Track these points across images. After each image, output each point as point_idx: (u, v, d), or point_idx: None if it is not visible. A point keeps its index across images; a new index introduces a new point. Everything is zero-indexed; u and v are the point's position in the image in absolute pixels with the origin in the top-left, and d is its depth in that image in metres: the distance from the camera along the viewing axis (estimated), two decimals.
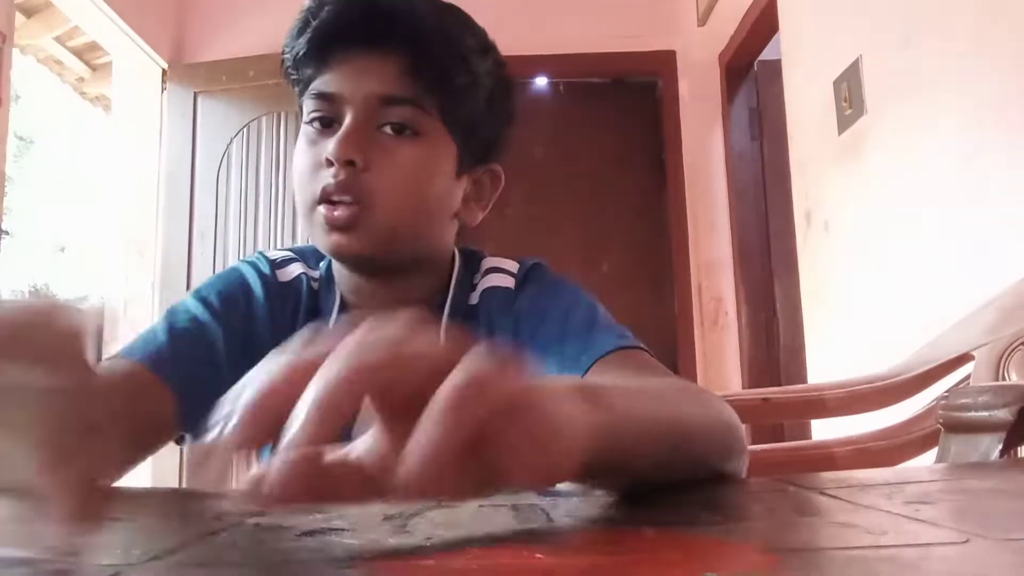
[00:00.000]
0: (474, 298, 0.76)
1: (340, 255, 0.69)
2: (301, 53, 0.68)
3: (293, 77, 0.72)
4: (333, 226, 0.66)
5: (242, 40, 3.27)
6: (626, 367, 0.62)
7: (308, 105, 0.69)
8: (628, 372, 0.61)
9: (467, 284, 0.76)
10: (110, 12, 2.87)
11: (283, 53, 0.71)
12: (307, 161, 0.68)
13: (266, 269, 0.75)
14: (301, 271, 0.76)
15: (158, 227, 3.25)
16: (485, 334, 0.72)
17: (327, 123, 0.68)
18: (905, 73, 1.70)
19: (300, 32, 0.69)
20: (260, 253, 0.78)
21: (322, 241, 0.68)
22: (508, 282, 0.76)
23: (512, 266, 0.77)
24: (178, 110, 3.28)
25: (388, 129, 0.67)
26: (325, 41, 0.67)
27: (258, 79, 3.13)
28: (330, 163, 0.65)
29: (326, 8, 0.67)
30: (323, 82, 0.68)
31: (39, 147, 6.53)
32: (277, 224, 3.21)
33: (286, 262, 0.77)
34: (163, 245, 3.23)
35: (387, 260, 0.70)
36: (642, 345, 0.66)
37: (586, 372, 0.63)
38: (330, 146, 0.65)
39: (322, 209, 0.66)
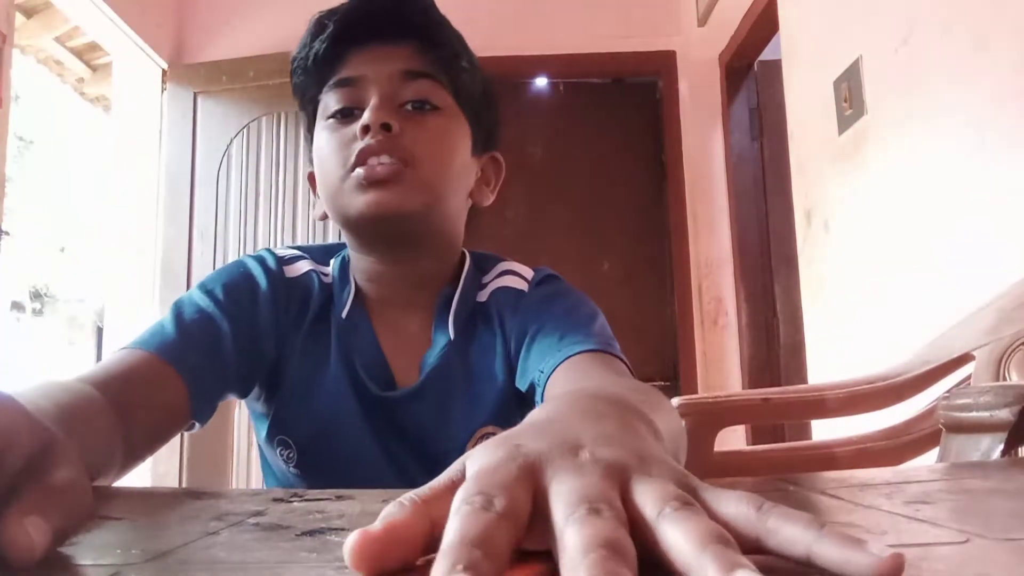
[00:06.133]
0: (482, 296, 0.79)
1: (379, 211, 0.68)
2: (322, 50, 0.73)
3: (304, 80, 0.76)
4: (373, 182, 0.68)
5: (242, 40, 3.26)
6: (608, 368, 0.65)
7: (329, 98, 0.73)
8: (610, 373, 0.64)
9: (476, 282, 0.80)
10: (110, 12, 2.87)
11: (294, 60, 0.76)
12: (335, 141, 0.71)
13: (273, 265, 0.77)
14: (310, 268, 0.79)
15: (158, 227, 3.24)
16: (496, 329, 0.76)
17: (347, 114, 0.72)
18: (905, 73, 1.70)
19: (317, 34, 0.73)
20: (267, 249, 0.79)
21: (359, 202, 0.69)
22: (521, 285, 0.79)
23: (528, 272, 0.81)
24: (178, 110, 3.28)
25: (409, 107, 0.72)
26: (346, 36, 0.72)
27: (258, 79, 3.13)
28: (365, 131, 0.69)
29: (345, 8, 0.73)
30: (345, 71, 0.73)
31: (39, 147, 6.52)
32: (277, 224, 3.21)
33: (294, 259, 0.79)
34: (163, 245, 3.22)
35: (420, 223, 0.72)
36: (625, 359, 0.69)
37: (567, 358, 0.66)
38: (365, 116, 0.69)
39: (360, 170, 0.69)
